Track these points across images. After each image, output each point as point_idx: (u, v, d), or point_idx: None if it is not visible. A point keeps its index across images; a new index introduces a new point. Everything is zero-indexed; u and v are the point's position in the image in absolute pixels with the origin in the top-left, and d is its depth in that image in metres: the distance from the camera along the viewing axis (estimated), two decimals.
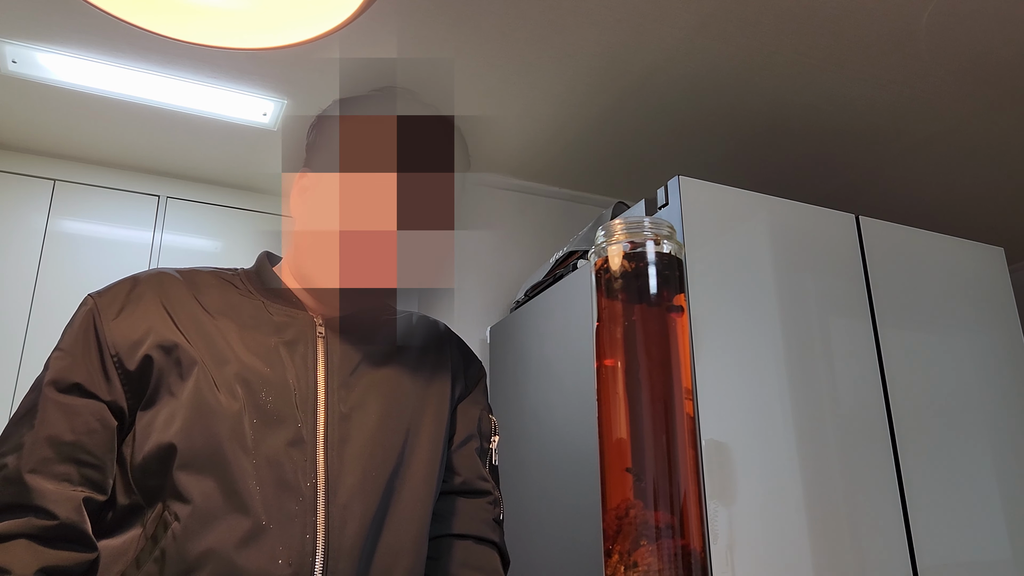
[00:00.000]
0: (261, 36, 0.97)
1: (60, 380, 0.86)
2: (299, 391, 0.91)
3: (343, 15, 0.92)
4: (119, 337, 0.88)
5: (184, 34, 0.98)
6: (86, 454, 0.85)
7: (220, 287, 0.97)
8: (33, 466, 0.82)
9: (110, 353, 0.88)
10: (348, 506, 0.88)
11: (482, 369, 1.14)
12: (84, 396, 0.86)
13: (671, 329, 0.66)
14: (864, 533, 1.60)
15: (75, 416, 0.85)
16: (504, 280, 2.65)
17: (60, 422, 0.85)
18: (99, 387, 0.87)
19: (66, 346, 0.89)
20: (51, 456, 0.83)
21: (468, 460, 1.06)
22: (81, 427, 0.85)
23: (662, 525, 0.61)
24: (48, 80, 2.11)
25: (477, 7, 1.81)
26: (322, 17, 0.94)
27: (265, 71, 2.08)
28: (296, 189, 0.99)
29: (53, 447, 0.83)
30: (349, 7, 0.91)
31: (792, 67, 2.05)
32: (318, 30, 0.95)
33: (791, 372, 1.64)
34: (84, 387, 0.86)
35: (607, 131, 2.41)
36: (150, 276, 0.96)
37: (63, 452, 0.84)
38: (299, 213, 0.97)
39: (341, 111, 0.97)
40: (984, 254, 2.02)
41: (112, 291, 0.93)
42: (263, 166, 2.58)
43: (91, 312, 0.91)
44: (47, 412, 0.85)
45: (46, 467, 0.83)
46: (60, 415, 0.85)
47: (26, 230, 2.39)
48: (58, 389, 0.86)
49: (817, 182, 2.67)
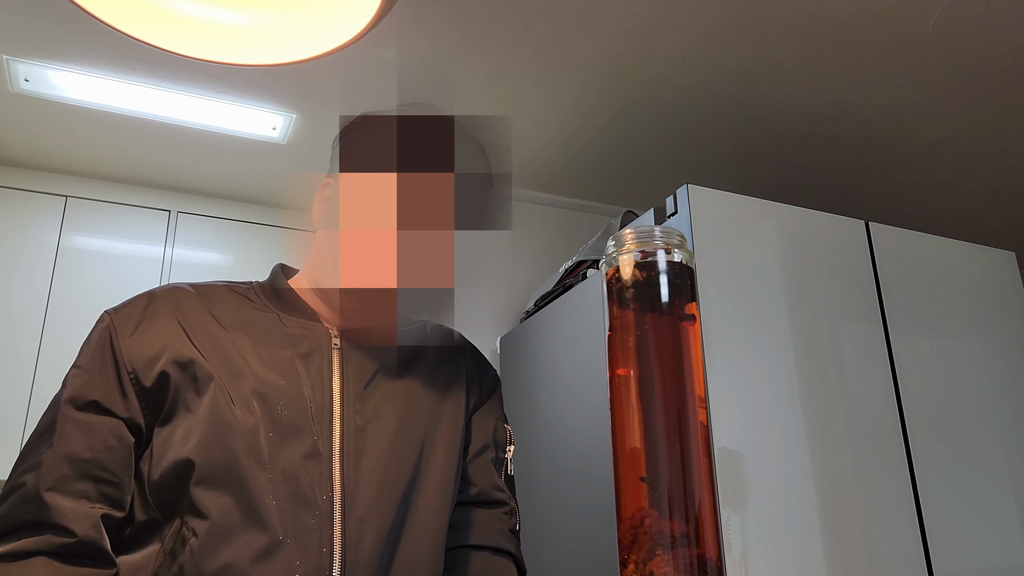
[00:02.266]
0: (271, 52, 0.97)
1: (78, 398, 0.87)
2: (315, 404, 0.91)
3: (353, 30, 0.93)
4: (135, 354, 0.89)
5: (194, 51, 0.99)
6: (104, 471, 0.85)
7: (235, 301, 0.98)
8: (51, 484, 0.83)
9: (127, 370, 0.88)
10: (365, 519, 0.88)
11: (497, 378, 1.14)
12: (101, 413, 0.87)
13: (683, 337, 0.67)
14: (879, 540, 1.59)
15: (93, 433, 0.86)
16: (513, 290, 2.65)
17: (78, 440, 0.85)
18: (116, 404, 0.87)
19: (83, 364, 0.89)
20: (69, 474, 0.84)
21: (484, 470, 1.06)
22: (99, 444, 0.85)
23: (677, 534, 0.61)
24: (60, 98, 2.13)
25: (483, 19, 1.82)
26: (332, 32, 0.95)
27: (274, 85, 2.10)
28: (319, 199, 0.99)
29: (71, 465, 0.84)
30: (359, 23, 0.91)
31: (799, 74, 2.05)
32: (328, 46, 0.95)
33: (802, 379, 1.63)
34: (101, 404, 0.87)
35: (615, 140, 2.41)
36: (165, 292, 0.96)
37: (81, 469, 0.84)
38: (323, 220, 0.98)
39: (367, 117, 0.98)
40: (995, 258, 2.01)
41: (128, 308, 0.94)
42: (273, 180, 2.59)
43: (107, 329, 0.91)
44: (65, 430, 0.85)
45: (64, 485, 0.83)
46: (78, 433, 0.85)
47: (38, 246, 2.41)
48: (76, 407, 0.86)
49: (826, 188, 2.67)
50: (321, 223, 0.98)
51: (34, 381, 2.29)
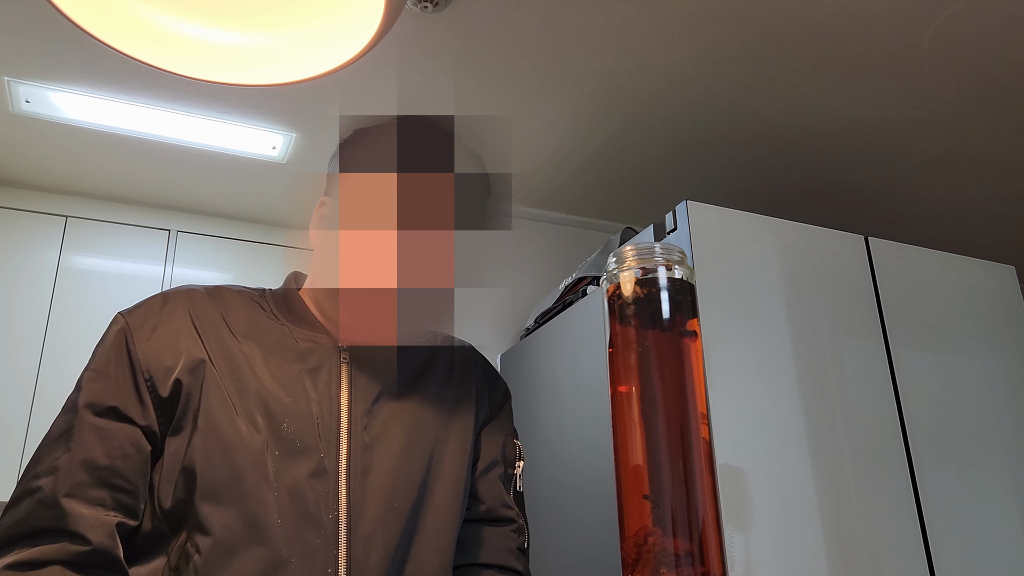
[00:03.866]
0: (271, 72, 0.98)
1: (96, 403, 0.86)
2: (322, 421, 0.90)
3: (353, 51, 0.93)
4: (152, 360, 0.88)
5: (194, 71, 0.99)
6: (120, 479, 0.84)
7: (247, 308, 0.96)
8: (69, 490, 0.82)
9: (144, 377, 0.87)
10: (371, 538, 0.87)
11: (507, 392, 1.12)
12: (120, 420, 0.85)
13: (685, 354, 0.66)
14: (883, 556, 1.58)
15: (110, 440, 0.84)
16: (514, 307, 2.65)
17: (96, 446, 0.84)
18: (134, 411, 0.86)
19: (99, 367, 0.88)
20: (86, 480, 0.83)
21: (492, 487, 1.04)
22: (116, 451, 0.84)
23: (681, 552, 0.60)
24: (60, 119, 2.14)
25: (483, 38, 1.83)
26: (332, 52, 0.95)
27: (274, 105, 2.11)
28: (316, 217, 0.99)
29: (88, 471, 0.83)
30: (359, 43, 0.92)
31: (796, 90, 2.06)
32: (328, 66, 0.96)
33: (804, 394, 1.63)
34: (120, 411, 0.86)
35: (614, 157, 2.42)
36: (180, 293, 0.95)
37: (98, 476, 0.83)
38: (321, 237, 0.97)
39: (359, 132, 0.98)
40: (995, 272, 2.01)
41: (142, 310, 0.93)
42: (273, 199, 2.59)
43: (123, 332, 0.90)
44: (83, 435, 0.84)
45: (81, 491, 0.82)
46: (96, 439, 0.84)
47: (39, 266, 2.41)
48: (94, 412, 0.85)
49: (825, 203, 2.67)
50: (318, 240, 0.98)
51: (34, 400, 2.28)
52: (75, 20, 0.88)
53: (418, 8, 1.70)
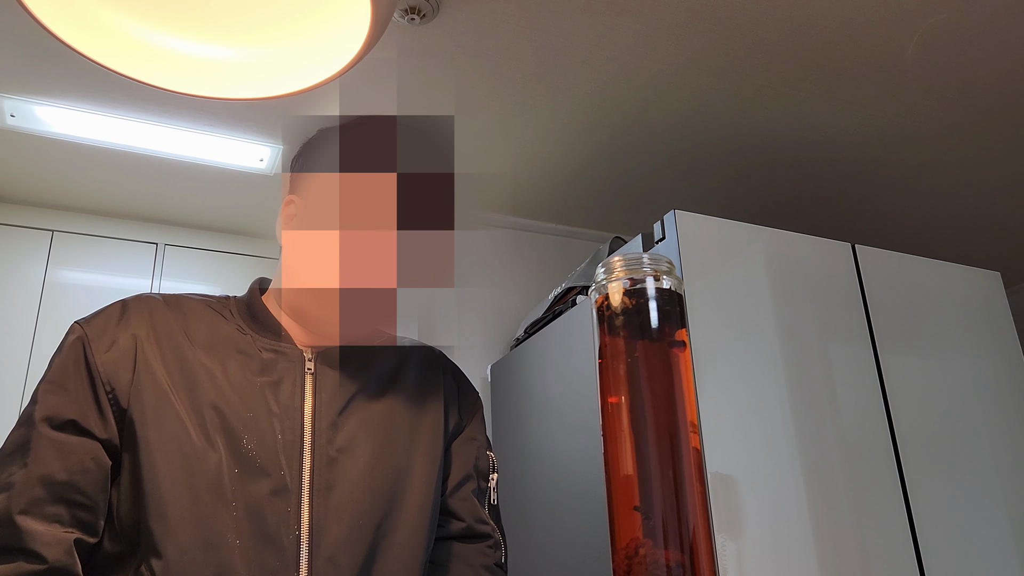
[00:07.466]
0: (258, 86, 0.98)
1: (54, 416, 0.82)
2: (283, 435, 0.87)
3: (339, 64, 0.93)
4: (112, 372, 0.85)
5: (180, 85, 0.99)
6: (79, 494, 0.81)
7: (208, 318, 0.94)
8: (24, 507, 0.79)
9: (105, 389, 0.84)
10: (333, 559, 0.84)
11: (478, 400, 1.08)
12: (79, 434, 0.82)
13: (674, 364, 0.67)
14: (874, 562, 1.58)
15: (69, 455, 0.81)
16: (503, 318, 2.65)
17: (54, 461, 0.81)
18: (94, 424, 0.83)
19: (56, 379, 0.85)
20: (43, 496, 0.80)
21: (466, 504, 1.00)
22: (75, 466, 0.81)
23: (672, 563, 0.60)
24: (46, 133, 2.13)
25: (470, 50, 1.84)
26: (318, 66, 0.95)
27: (261, 117, 2.10)
28: (284, 217, 0.97)
29: (45, 487, 0.80)
30: (345, 56, 0.92)
31: (782, 99, 2.07)
32: (314, 79, 0.96)
33: (793, 402, 1.63)
34: (79, 424, 0.83)
35: (602, 167, 2.43)
36: (139, 303, 0.92)
37: (55, 492, 0.80)
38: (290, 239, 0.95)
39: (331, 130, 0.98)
40: (981, 279, 2.02)
41: (100, 319, 0.90)
42: (261, 211, 2.59)
43: (80, 342, 0.87)
44: (40, 450, 0.81)
45: (37, 508, 0.79)
46: (54, 453, 0.81)
47: (25, 281, 2.39)
48: (52, 426, 0.82)
49: (812, 212, 2.68)
50: (287, 239, 0.95)
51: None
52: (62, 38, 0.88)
53: (405, 20, 1.70)
